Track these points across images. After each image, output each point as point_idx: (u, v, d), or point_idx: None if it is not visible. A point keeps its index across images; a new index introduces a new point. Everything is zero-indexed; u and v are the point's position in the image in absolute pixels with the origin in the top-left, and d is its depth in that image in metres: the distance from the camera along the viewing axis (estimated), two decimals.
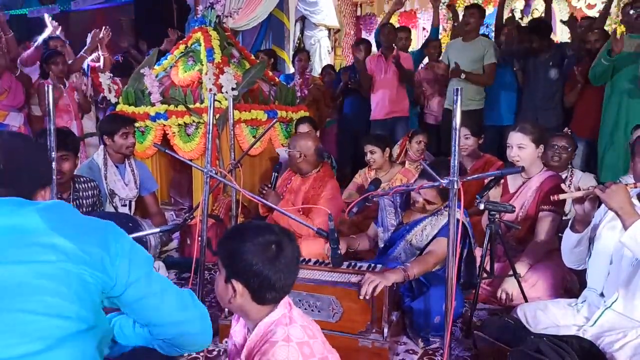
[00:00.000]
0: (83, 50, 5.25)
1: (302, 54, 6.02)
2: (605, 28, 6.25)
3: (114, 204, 3.35)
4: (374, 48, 5.80)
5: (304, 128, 4.19)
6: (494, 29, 5.77)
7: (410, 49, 5.84)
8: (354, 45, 5.64)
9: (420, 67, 5.71)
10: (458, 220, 1.86)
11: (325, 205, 2.97)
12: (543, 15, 5.62)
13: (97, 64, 5.43)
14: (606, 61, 3.81)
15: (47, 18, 5.57)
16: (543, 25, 4.64)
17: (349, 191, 3.86)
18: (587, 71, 4.11)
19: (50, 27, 5.47)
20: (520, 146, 2.77)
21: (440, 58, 5.10)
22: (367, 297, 2.03)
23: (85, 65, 5.29)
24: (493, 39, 5.30)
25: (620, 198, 1.80)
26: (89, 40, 5.36)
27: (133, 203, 3.51)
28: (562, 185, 2.16)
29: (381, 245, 2.76)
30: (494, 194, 2.72)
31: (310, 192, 3.21)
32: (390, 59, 4.98)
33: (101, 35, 5.31)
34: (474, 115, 4.53)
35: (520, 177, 2.90)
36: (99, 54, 5.49)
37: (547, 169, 2.90)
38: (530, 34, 4.47)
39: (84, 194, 2.95)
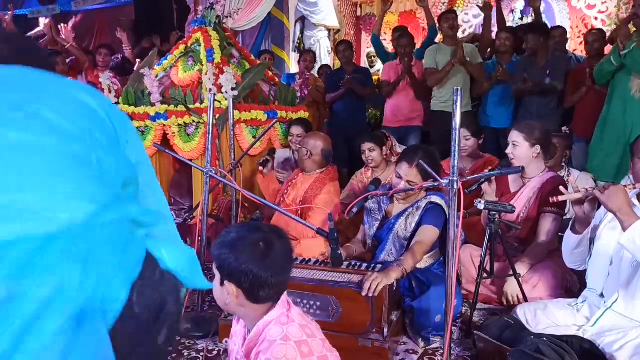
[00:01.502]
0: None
1: (308, 54, 5.95)
2: (605, 29, 6.27)
3: None
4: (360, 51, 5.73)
5: (296, 130, 4.17)
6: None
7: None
8: (342, 48, 5.50)
9: None
10: (458, 219, 1.86)
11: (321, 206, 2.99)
12: (534, 17, 5.56)
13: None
14: (616, 61, 3.76)
15: (42, 20, 5.57)
16: (538, 26, 4.64)
17: (347, 192, 3.86)
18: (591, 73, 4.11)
19: (41, 26, 5.46)
20: (514, 143, 2.78)
21: (426, 63, 4.88)
22: (370, 294, 2.03)
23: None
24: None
25: (619, 199, 1.80)
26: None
27: None
28: (561, 188, 2.15)
29: (369, 241, 2.78)
30: (489, 191, 2.70)
31: (309, 191, 3.22)
32: (403, 66, 4.89)
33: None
34: (467, 116, 4.52)
35: (521, 178, 2.91)
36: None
37: (548, 170, 2.90)
38: (526, 34, 4.46)
39: None
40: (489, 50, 5.35)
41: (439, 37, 5.16)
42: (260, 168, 3.38)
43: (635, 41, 3.66)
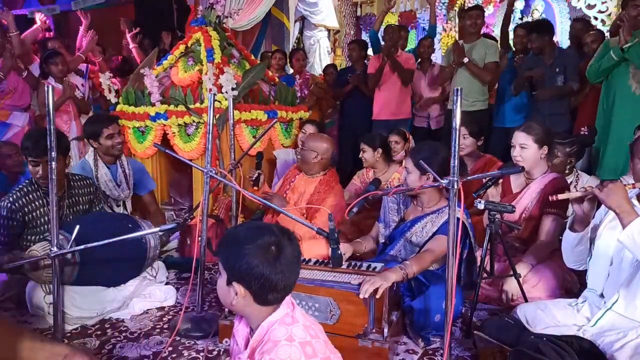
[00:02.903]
0: (80, 51, 5.25)
1: (299, 53, 6.01)
2: (605, 29, 6.27)
3: (109, 204, 3.34)
4: (369, 50, 5.83)
5: (310, 129, 4.19)
6: (498, 31, 5.77)
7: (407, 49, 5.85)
8: (352, 47, 5.64)
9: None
10: (458, 220, 1.86)
11: (329, 209, 2.98)
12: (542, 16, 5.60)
13: (95, 68, 5.44)
14: (617, 56, 3.74)
15: (37, 15, 5.56)
16: (543, 23, 4.64)
17: (348, 192, 3.86)
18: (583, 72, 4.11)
19: (38, 23, 5.46)
20: (523, 146, 2.77)
21: (444, 61, 5.05)
22: (367, 296, 2.03)
23: (84, 68, 5.29)
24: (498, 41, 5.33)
25: (618, 196, 1.80)
26: (84, 41, 5.36)
27: (128, 203, 3.50)
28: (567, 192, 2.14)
29: (382, 240, 2.77)
30: (493, 193, 2.72)
31: (315, 195, 3.20)
32: (388, 59, 4.97)
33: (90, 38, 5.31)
34: (479, 115, 4.53)
35: (524, 178, 2.90)
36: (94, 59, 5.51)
37: (551, 170, 2.89)
38: (530, 33, 4.46)
39: (79, 191, 2.94)
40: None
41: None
42: (255, 188, 3.31)
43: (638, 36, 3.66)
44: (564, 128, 4.22)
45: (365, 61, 5.80)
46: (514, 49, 5.10)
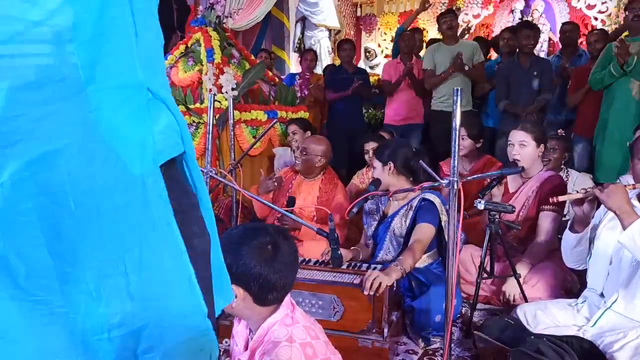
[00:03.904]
0: None
1: (309, 53, 5.92)
2: (606, 28, 6.27)
3: None
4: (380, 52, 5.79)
5: (294, 128, 4.18)
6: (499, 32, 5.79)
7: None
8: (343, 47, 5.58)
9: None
10: (458, 221, 1.86)
11: (339, 208, 2.98)
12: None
13: None
14: (617, 73, 3.75)
15: None
16: (530, 24, 4.69)
17: (349, 192, 3.85)
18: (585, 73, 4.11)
19: None
20: (522, 143, 2.77)
21: (425, 63, 4.91)
22: (372, 293, 2.03)
23: None
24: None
25: (619, 198, 1.81)
26: None
27: None
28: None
29: (368, 242, 2.79)
30: (496, 192, 2.72)
31: (323, 195, 3.19)
32: (404, 68, 4.94)
33: None
34: (471, 115, 4.53)
35: (520, 177, 2.91)
36: None
37: (549, 166, 2.90)
38: (519, 30, 4.46)
39: None
40: None
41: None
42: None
43: (636, 54, 3.67)
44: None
45: (358, 64, 5.74)
46: (502, 51, 5.09)
